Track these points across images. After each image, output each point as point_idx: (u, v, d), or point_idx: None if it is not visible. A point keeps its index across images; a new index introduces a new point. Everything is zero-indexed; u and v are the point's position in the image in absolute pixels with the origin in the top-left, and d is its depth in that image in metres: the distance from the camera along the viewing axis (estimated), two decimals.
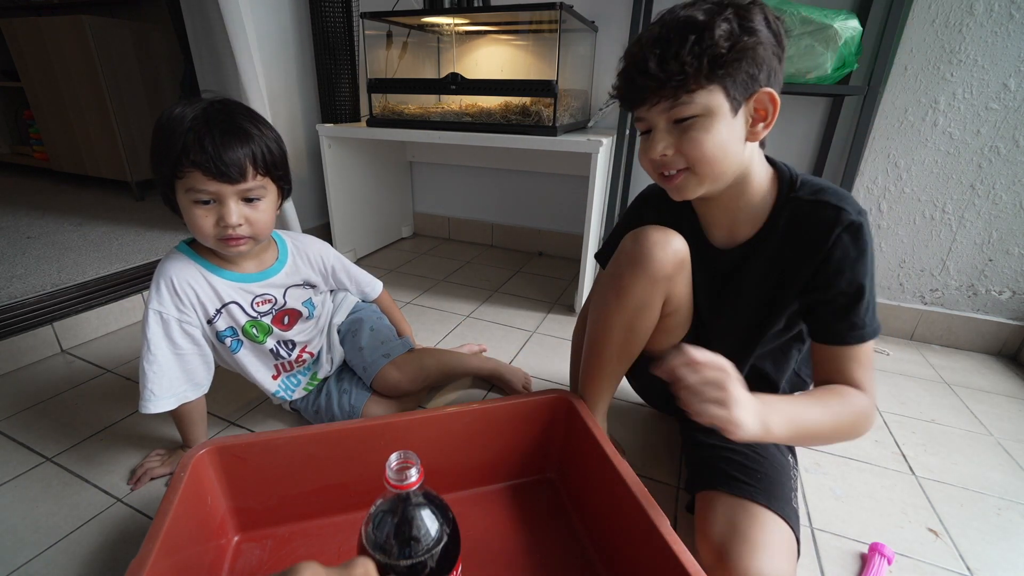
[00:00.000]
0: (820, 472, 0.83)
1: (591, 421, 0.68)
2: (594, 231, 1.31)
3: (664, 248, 0.62)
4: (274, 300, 0.79)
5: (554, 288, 1.57)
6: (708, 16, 0.51)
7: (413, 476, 0.43)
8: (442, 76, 1.36)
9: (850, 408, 0.55)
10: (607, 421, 0.77)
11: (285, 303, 0.81)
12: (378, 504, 0.46)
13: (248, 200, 0.69)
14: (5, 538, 0.68)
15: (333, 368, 0.92)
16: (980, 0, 1.03)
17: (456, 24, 1.58)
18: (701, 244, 0.67)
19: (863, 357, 0.57)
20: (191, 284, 0.72)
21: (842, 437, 0.56)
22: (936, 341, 1.30)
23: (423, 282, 1.59)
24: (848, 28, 1.01)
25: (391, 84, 1.45)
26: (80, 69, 2.07)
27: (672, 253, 0.63)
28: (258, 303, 0.78)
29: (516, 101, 1.36)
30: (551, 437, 0.75)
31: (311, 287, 0.85)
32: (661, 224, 0.65)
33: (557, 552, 0.66)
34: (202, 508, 0.60)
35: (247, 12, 1.35)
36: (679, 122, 0.55)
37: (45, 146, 2.46)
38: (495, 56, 1.63)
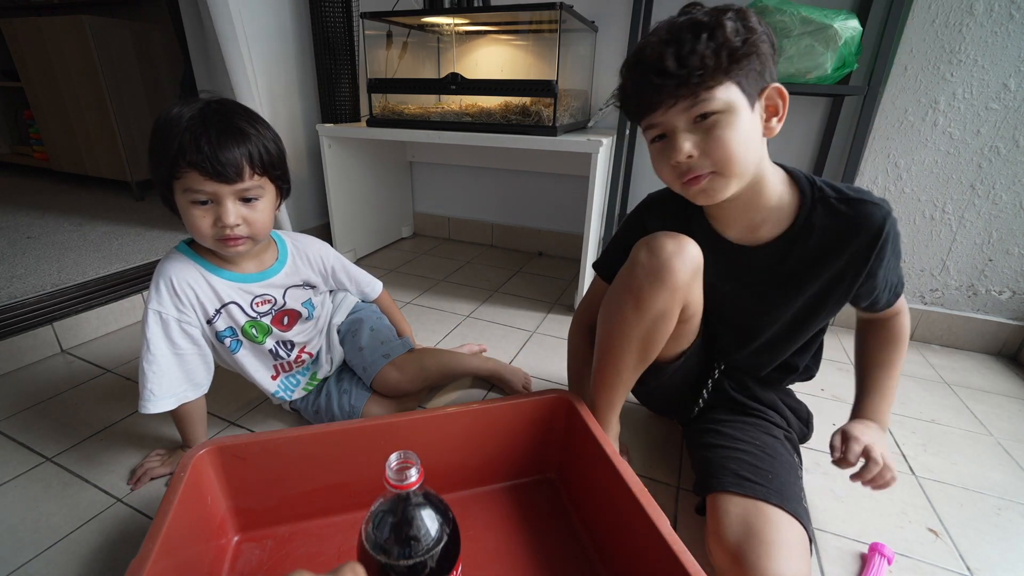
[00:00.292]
0: (820, 472, 0.83)
1: (591, 421, 0.68)
2: (594, 231, 1.31)
3: (683, 257, 0.61)
4: (274, 300, 0.79)
5: (554, 288, 1.57)
6: (713, 16, 0.53)
7: (413, 476, 0.43)
8: (442, 76, 1.36)
9: (902, 346, 0.70)
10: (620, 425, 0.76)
11: (285, 303, 0.81)
12: (378, 504, 0.46)
13: (246, 200, 0.68)
14: (5, 538, 0.68)
15: (333, 368, 0.92)
16: (980, 0, 1.03)
17: (456, 24, 1.58)
18: (721, 244, 0.67)
19: (899, 302, 0.69)
20: (191, 284, 0.72)
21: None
22: (936, 341, 1.30)
23: (423, 282, 1.59)
24: (848, 28, 1.01)
25: (391, 84, 1.45)
26: (80, 69, 2.07)
27: (690, 261, 0.61)
28: (258, 303, 0.78)
29: (516, 101, 1.36)
30: (551, 437, 0.75)
31: (311, 287, 0.85)
32: (668, 230, 0.64)
33: (557, 552, 0.66)
34: (202, 508, 0.60)
35: (244, 13, 1.35)
36: (700, 121, 0.54)
37: (45, 146, 2.46)
38: (495, 56, 1.63)
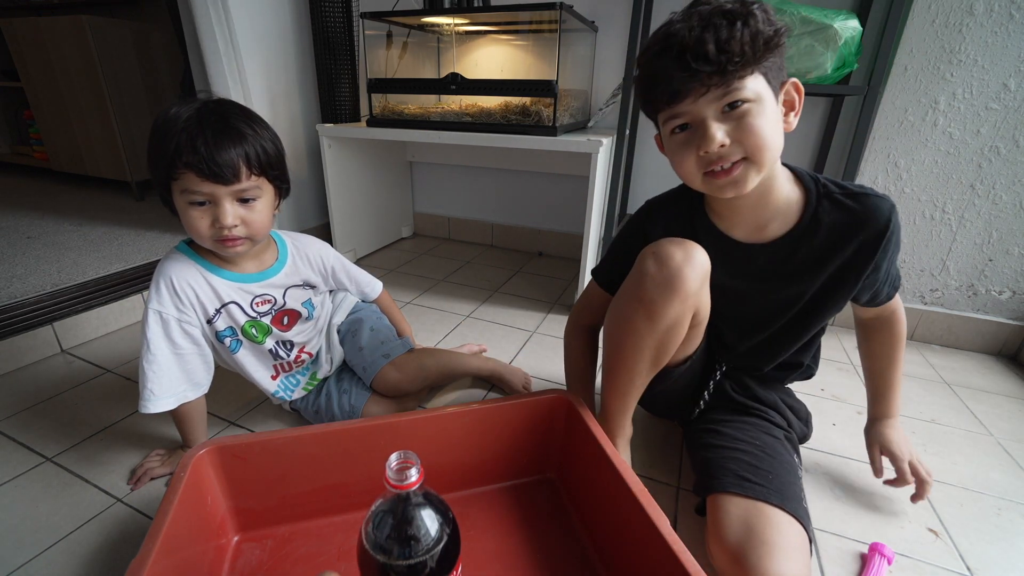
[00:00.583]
0: (820, 472, 0.83)
1: (591, 421, 0.68)
2: (594, 231, 1.31)
3: (692, 265, 0.60)
4: (273, 300, 0.79)
5: (554, 288, 1.57)
6: (742, 5, 0.52)
7: (413, 476, 0.43)
8: (442, 76, 1.36)
9: (903, 340, 0.74)
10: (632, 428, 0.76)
11: (284, 303, 0.81)
12: (378, 504, 0.46)
13: (244, 201, 0.68)
14: (5, 538, 0.68)
15: (333, 368, 0.92)
16: (980, 0, 1.03)
17: (456, 24, 1.58)
18: (727, 244, 0.66)
19: (896, 297, 0.71)
20: (191, 284, 0.72)
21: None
22: (936, 341, 1.30)
23: (423, 282, 1.59)
24: (848, 28, 1.01)
25: (391, 84, 1.45)
26: (80, 69, 2.07)
27: (699, 267, 0.61)
28: (257, 303, 0.78)
29: (516, 101, 1.36)
30: (551, 437, 0.75)
31: (311, 287, 0.85)
32: (671, 236, 0.63)
33: (557, 552, 0.66)
34: (202, 508, 0.60)
35: (244, 13, 1.34)
36: (728, 111, 0.54)
37: (45, 146, 2.46)
38: (495, 56, 1.63)
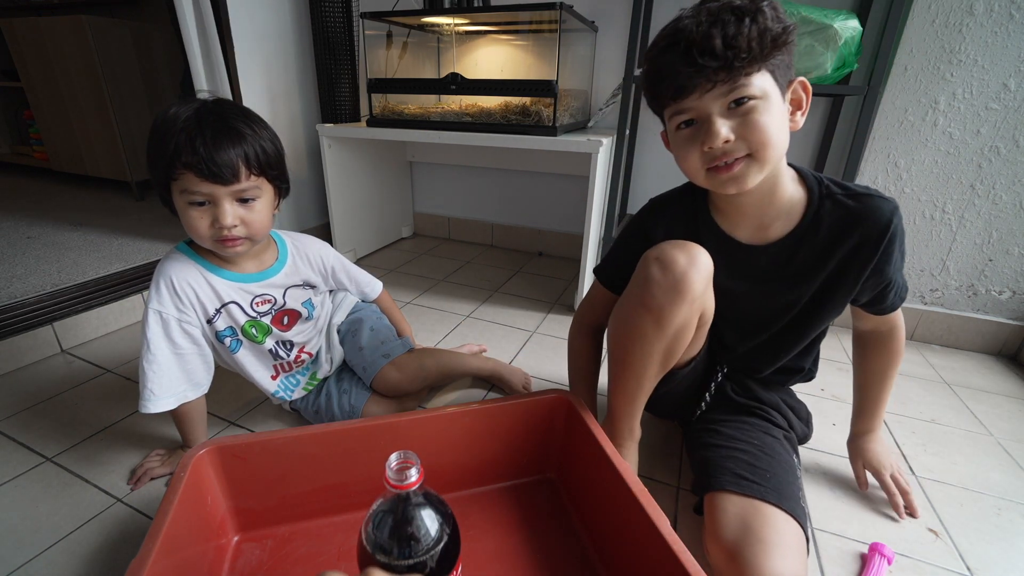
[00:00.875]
0: (820, 472, 0.83)
1: (591, 421, 0.68)
2: (594, 231, 1.31)
3: (697, 268, 0.60)
4: (273, 300, 0.79)
5: (554, 288, 1.57)
6: (751, 2, 0.52)
7: (413, 476, 0.43)
8: (442, 76, 1.36)
9: (900, 359, 0.73)
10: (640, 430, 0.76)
11: (284, 303, 0.81)
12: (378, 504, 0.46)
13: (243, 201, 0.68)
14: (5, 538, 0.68)
15: (332, 368, 0.92)
16: (980, 0, 1.03)
17: (456, 24, 1.58)
18: (730, 244, 0.66)
19: (898, 312, 0.71)
20: (191, 284, 0.72)
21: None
22: (936, 341, 1.30)
23: (423, 282, 1.59)
24: (848, 28, 1.01)
25: (391, 84, 1.45)
26: (80, 69, 2.07)
27: (704, 270, 0.60)
28: (257, 303, 0.78)
29: (516, 101, 1.36)
30: (551, 437, 0.75)
31: (311, 287, 0.85)
32: (673, 237, 0.63)
33: (557, 552, 0.66)
34: (202, 508, 0.60)
35: (243, 13, 1.34)
36: (734, 107, 0.54)
37: (45, 146, 2.46)
38: (495, 56, 1.63)
